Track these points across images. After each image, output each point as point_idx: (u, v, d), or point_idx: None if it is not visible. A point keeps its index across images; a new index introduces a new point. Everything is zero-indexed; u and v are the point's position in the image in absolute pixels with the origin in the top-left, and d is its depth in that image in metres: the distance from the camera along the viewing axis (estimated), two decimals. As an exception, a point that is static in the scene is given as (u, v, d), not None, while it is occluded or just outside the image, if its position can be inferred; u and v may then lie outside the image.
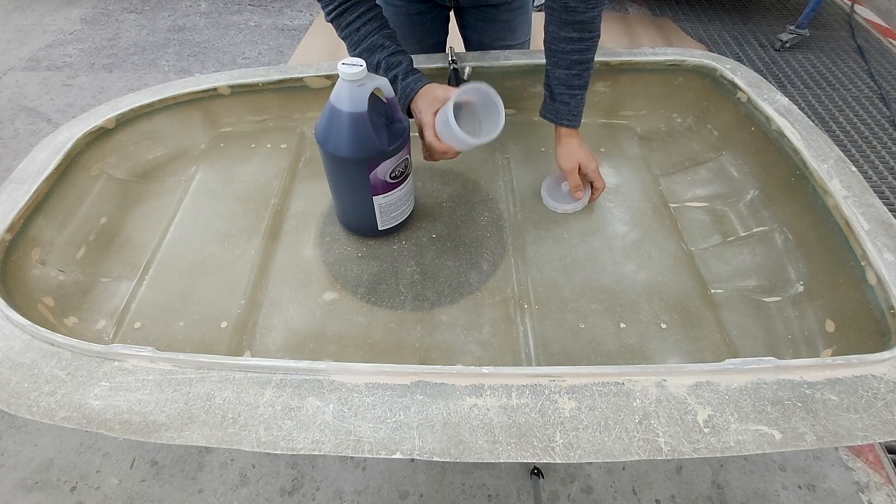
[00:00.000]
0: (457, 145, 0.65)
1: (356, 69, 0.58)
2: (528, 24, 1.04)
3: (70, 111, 2.07)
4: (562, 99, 0.75)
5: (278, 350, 0.65)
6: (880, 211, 0.63)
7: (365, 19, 0.72)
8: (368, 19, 0.72)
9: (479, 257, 0.75)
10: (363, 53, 0.73)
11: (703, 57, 0.89)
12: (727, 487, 1.02)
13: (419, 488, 1.03)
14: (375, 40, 0.72)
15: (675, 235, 0.77)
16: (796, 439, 0.45)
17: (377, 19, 0.73)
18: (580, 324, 0.66)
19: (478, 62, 0.90)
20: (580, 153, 0.77)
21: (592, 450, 0.45)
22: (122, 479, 1.05)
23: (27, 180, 0.72)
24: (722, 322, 0.67)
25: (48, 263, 0.71)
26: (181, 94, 0.89)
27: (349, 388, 0.49)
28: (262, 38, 2.54)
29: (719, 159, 0.87)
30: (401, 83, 0.70)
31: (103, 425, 0.47)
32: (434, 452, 0.45)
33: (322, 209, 0.83)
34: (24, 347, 0.53)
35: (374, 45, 0.72)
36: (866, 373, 0.49)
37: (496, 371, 0.49)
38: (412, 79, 0.70)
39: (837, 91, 2.08)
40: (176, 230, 0.79)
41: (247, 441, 0.46)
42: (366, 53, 0.72)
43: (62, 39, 2.53)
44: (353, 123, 0.62)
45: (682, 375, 0.49)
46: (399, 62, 0.71)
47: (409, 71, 0.71)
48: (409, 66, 0.72)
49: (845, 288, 0.62)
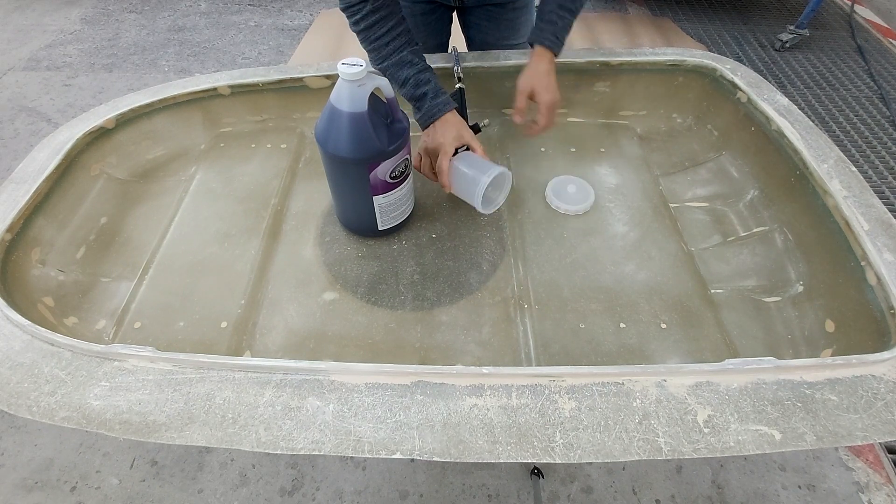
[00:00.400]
0: (456, 191, 0.75)
1: (356, 69, 0.58)
2: (531, 23, 1.04)
3: (70, 111, 2.07)
4: (549, 18, 0.75)
5: (278, 350, 0.65)
6: (880, 211, 0.63)
7: (395, 34, 0.73)
8: (398, 34, 0.73)
9: (479, 257, 0.75)
10: (391, 67, 0.74)
11: (703, 57, 0.90)
12: (727, 487, 1.02)
13: (419, 488, 1.03)
14: (405, 56, 0.74)
15: (675, 235, 0.77)
16: (796, 439, 0.45)
17: (405, 34, 0.74)
18: (580, 324, 0.66)
19: (478, 62, 0.90)
20: (541, 78, 0.75)
21: (592, 450, 0.45)
22: (122, 479, 1.05)
23: (27, 180, 0.72)
24: (722, 322, 0.67)
25: (48, 263, 0.71)
26: (181, 94, 0.89)
27: (349, 388, 0.49)
28: (262, 38, 2.54)
29: (719, 159, 0.87)
30: (430, 101, 0.73)
31: (103, 425, 0.47)
32: (434, 452, 0.45)
33: (322, 209, 0.83)
34: (24, 347, 0.53)
35: (404, 61, 0.74)
36: (866, 373, 0.49)
37: (496, 371, 0.49)
38: (441, 100, 0.73)
39: (837, 91, 2.08)
40: (176, 230, 0.79)
41: (247, 441, 0.46)
42: (393, 68, 0.74)
43: (62, 39, 2.53)
44: (352, 123, 0.62)
45: (682, 375, 0.49)
46: (428, 80, 0.74)
47: (439, 91, 0.74)
48: (437, 86, 0.74)
49: (845, 288, 0.62)
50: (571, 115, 0.97)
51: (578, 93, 0.95)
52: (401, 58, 0.74)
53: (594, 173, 0.87)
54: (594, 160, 0.90)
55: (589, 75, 0.93)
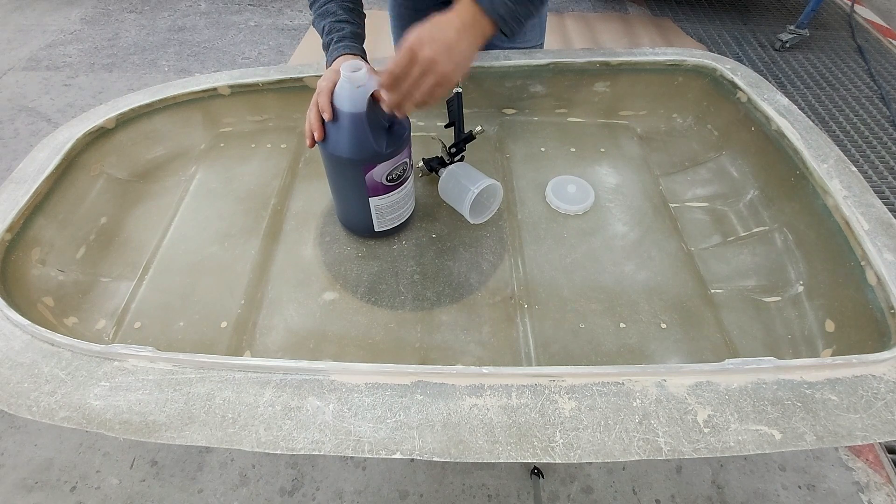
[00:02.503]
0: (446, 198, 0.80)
1: (360, 72, 0.58)
2: (538, 27, 1.02)
3: (70, 111, 2.07)
4: None
5: (278, 350, 0.65)
6: (880, 211, 0.63)
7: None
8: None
9: (479, 257, 0.75)
10: (316, 19, 0.73)
11: (703, 57, 0.90)
12: (727, 487, 1.02)
13: (419, 488, 1.03)
14: (329, 7, 0.72)
15: (675, 235, 0.77)
16: (796, 439, 0.45)
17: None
18: (580, 324, 0.66)
19: (478, 62, 0.90)
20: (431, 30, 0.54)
21: (592, 450, 0.45)
22: (122, 479, 1.05)
23: (27, 180, 0.72)
24: (722, 322, 0.67)
25: (48, 263, 0.71)
26: (181, 94, 0.89)
27: (349, 388, 0.49)
28: (262, 38, 2.54)
29: (719, 159, 0.87)
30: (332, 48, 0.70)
31: (103, 425, 0.47)
32: (434, 452, 0.45)
33: (322, 209, 0.83)
34: (24, 347, 0.53)
35: (327, 12, 0.72)
36: (866, 373, 0.49)
37: (496, 371, 0.49)
38: (341, 45, 0.69)
39: (837, 91, 2.09)
40: (176, 230, 0.79)
41: (247, 441, 0.46)
42: (318, 19, 0.73)
43: (62, 39, 2.53)
44: (350, 124, 0.62)
45: (682, 375, 0.49)
46: (341, 28, 0.70)
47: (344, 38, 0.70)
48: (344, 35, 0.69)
49: (845, 288, 0.62)
50: (571, 115, 0.97)
51: (578, 93, 0.95)
52: (326, 8, 0.73)
53: (594, 173, 0.87)
54: (594, 160, 0.90)
55: (589, 75, 0.93)
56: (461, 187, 0.75)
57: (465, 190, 0.74)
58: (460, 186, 0.75)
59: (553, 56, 0.91)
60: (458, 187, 0.76)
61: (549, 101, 0.96)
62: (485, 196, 0.79)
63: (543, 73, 0.90)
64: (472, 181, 0.74)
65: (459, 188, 0.76)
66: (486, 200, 0.80)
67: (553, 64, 0.90)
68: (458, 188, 0.76)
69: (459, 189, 0.75)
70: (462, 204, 0.75)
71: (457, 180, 0.76)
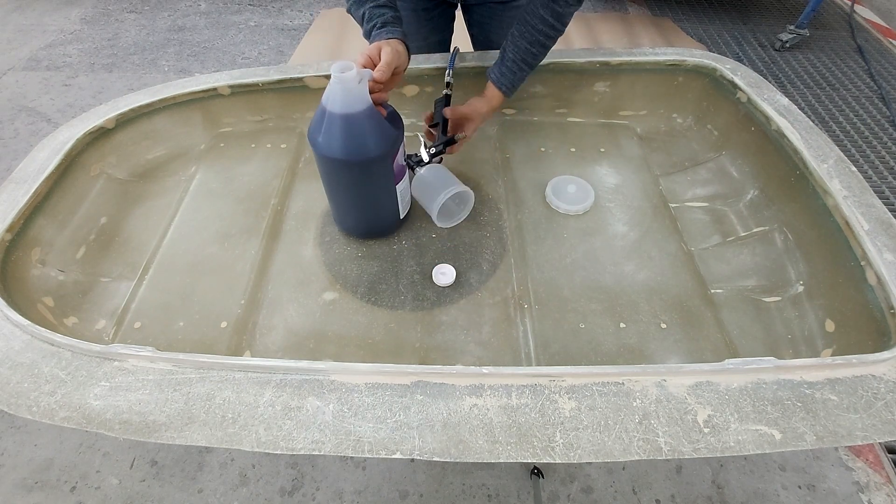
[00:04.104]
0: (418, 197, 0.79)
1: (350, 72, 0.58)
2: None
3: (70, 111, 2.06)
4: (511, 67, 0.78)
5: (278, 350, 0.65)
6: (880, 211, 0.63)
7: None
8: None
9: (479, 257, 0.75)
10: (353, 6, 0.74)
11: (703, 57, 0.89)
12: (727, 487, 1.02)
13: (419, 488, 1.03)
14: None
15: (675, 235, 0.77)
16: (796, 439, 0.45)
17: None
18: (580, 324, 0.66)
19: (478, 62, 0.90)
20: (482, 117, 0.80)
21: (592, 450, 0.45)
22: (122, 479, 1.05)
23: (27, 180, 0.72)
24: (722, 322, 0.67)
25: (48, 263, 0.71)
26: (181, 94, 0.89)
27: (349, 388, 0.49)
28: (262, 38, 2.54)
29: (719, 159, 0.87)
30: (375, 32, 0.71)
31: (103, 425, 0.47)
32: (434, 452, 0.45)
33: (322, 209, 0.83)
34: (24, 347, 0.53)
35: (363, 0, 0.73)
36: (866, 373, 0.49)
37: (496, 371, 0.49)
38: (384, 31, 0.70)
39: (837, 91, 2.08)
40: (176, 230, 0.79)
41: (247, 441, 0.46)
42: (356, 6, 0.73)
43: (62, 39, 2.53)
44: (369, 122, 0.62)
45: (682, 375, 0.49)
46: (382, 14, 0.71)
47: (386, 23, 0.71)
48: (388, 20, 0.71)
49: (845, 288, 0.62)
50: (571, 115, 0.97)
51: (578, 93, 0.95)
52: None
53: (594, 173, 0.87)
54: (594, 160, 0.90)
55: (589, 75, 0.93)
56: (433, 190, 0.75)
57: (436, 194, 0.74)
58: (432, 189, 0.75)
59: (553, 56, 0.90)
60: (431, 189, 0.75)
61: (549, 101, 0.96)
62: (455, 201, 0.80)
63: (543, 73, 0.90)
64: (445, 185, 0.74)
65: (432, 190, 0.75)
66: (455, 207, 0.80)
67: (553, 64, 0.90)
68: (430, 190, 0.76)
69: (431, 191, 0.75)
70: (431, 207, 0.75)
71: (429, 182, 0.76)
